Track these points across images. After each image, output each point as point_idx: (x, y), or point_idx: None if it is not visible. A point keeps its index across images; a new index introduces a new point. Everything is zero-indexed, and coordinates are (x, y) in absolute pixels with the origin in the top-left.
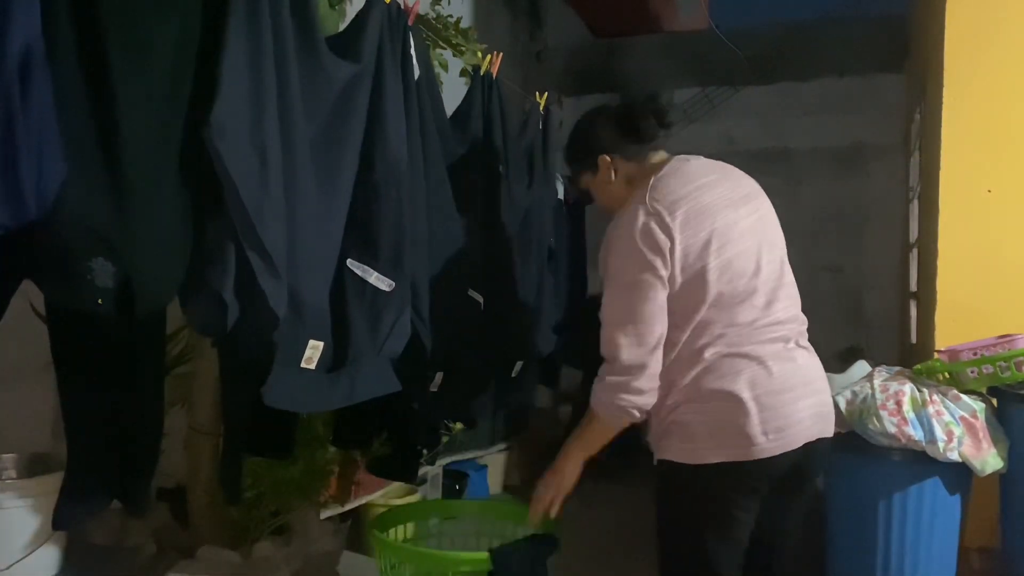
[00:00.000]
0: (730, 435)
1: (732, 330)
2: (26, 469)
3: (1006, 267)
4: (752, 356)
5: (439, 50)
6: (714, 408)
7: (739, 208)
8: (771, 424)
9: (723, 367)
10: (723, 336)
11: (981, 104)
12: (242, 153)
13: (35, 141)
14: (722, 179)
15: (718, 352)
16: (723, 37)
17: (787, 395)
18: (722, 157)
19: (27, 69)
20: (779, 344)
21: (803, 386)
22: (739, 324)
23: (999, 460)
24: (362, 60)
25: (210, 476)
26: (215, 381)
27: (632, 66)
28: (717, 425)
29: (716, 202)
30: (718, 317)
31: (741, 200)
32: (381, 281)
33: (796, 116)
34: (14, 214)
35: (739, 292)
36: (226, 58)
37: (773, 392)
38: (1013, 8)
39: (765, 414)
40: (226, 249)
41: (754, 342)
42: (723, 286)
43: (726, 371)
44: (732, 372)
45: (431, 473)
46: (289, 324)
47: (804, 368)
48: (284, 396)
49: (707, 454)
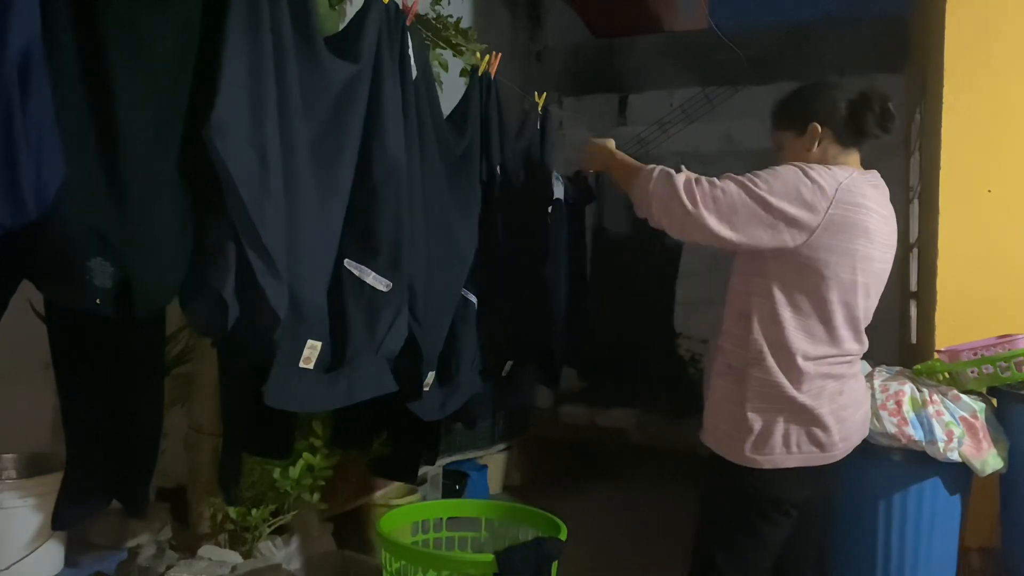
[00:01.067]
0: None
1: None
2: (26, 469)
3: (1006, 267)
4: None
5: (439, 50)
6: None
7: (884, 252)
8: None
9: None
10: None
11: (981, 104)
12: (242, 153)
13: (34, 141)
14: (886, 218)
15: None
16: (723, 37)
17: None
18: (722, 157)
19: (27, 69)
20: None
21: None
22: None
23: (999, 460)
24: (361, 60)
25: (210, 476)
26: (215, 381)
27: (632, 66)
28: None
29: (872, 230)
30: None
31: (887, 246)
32: (379, 281)
33: None
34: (14, 214)
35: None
36: (226, 58)
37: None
38: (1013, 8)
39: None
40: (226, 249)
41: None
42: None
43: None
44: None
45: (431, 473)
46: (288, 323)
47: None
48: (283, 396)
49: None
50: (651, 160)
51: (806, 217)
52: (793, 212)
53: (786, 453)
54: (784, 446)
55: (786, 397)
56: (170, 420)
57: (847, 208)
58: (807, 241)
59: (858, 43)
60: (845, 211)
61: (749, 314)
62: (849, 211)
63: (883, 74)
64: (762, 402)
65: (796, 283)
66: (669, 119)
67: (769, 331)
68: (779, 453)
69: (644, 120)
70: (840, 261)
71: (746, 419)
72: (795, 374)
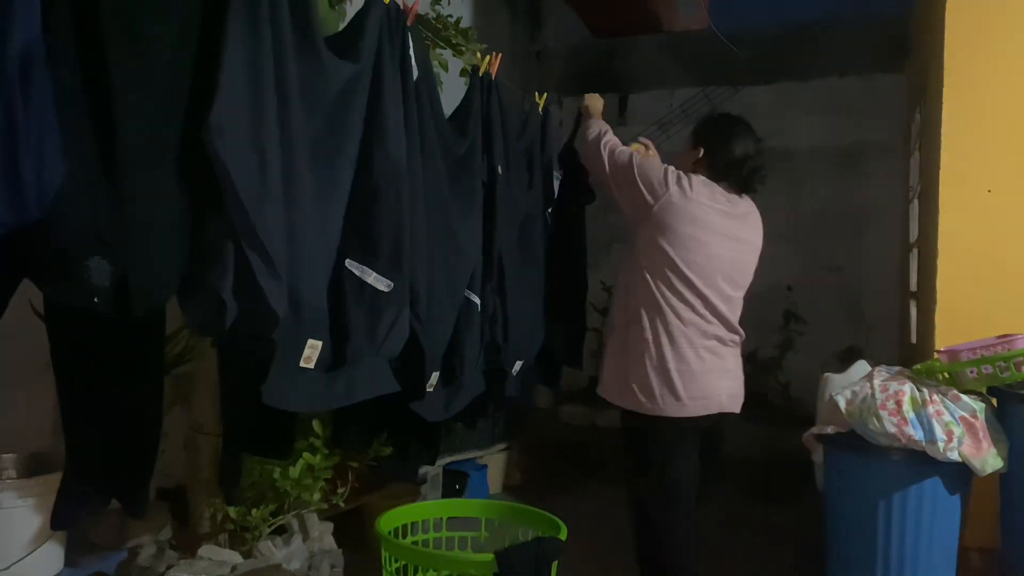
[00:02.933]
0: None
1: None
2: (26, 469)
3: (1006, 267)
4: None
5: (439, 50)
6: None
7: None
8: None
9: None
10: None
11: (981, 104)
12: (241, 153)
13: (35, 140)
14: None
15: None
16: (723, 37)
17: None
18: None
19: (28, 68)
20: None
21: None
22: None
23: (999, 460)
24: (361, 60)
25: (210, 476)
26: (215, 381)
27: (632, 66)
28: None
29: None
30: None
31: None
32: (379, 281)
33: (796, 116)
34: (16, 213)
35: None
36: (225, 58)
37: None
38: (1013, 8)
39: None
40: (225, 249)
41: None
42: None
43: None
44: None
45: (431, 473)
46: (288, 323)
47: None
48: (283, 395)
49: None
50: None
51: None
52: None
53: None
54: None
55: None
56: (170, 420)
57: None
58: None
59: (858, 43)
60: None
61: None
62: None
63: (883, 74)
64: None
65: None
66: (669, 119)
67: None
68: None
69: (644, 120)
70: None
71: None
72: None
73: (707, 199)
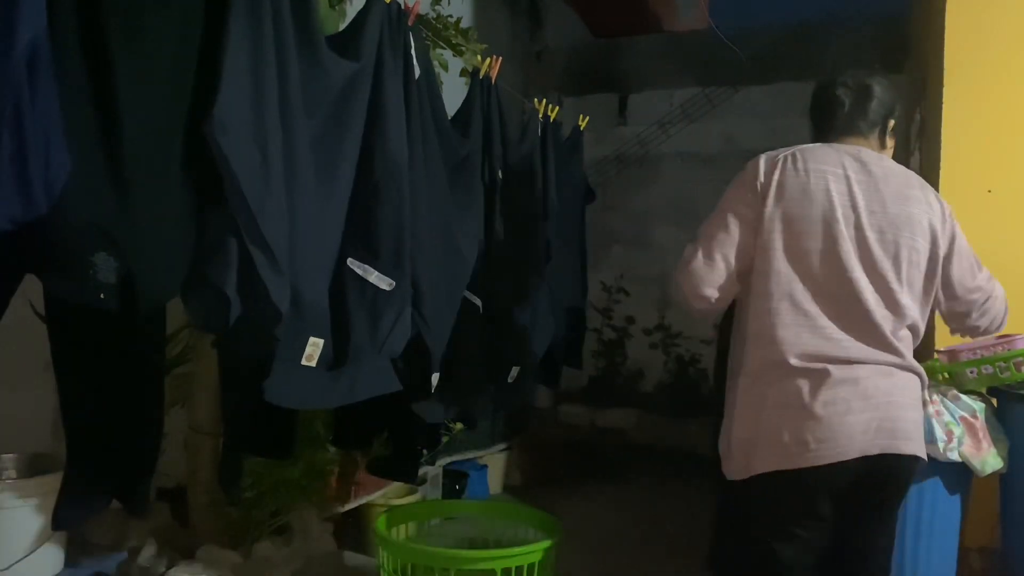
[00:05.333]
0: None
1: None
2: (26, 469)
3: (1006, 267)
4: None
5: (439, 50)
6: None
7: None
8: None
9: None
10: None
11: (981, 104)
12: (243, 149)
13: (42, 137)
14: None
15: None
16: (723, 37)
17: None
18: (722, 157)
19: (34, 67)
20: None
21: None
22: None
23: (999, 460)
24: (362, 58)
25: (210, 476)
26: (215, 381)
27: (632, 66)
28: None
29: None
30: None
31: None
32: (381, 280)
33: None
34: (25, 209)
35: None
36: (228, 55)
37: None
38: (1013, 8)
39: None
40: (228, 245)
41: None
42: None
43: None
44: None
45: (431, 473)
46: (289, 320)
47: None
48: (284, 393)
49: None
50: (651, 159)
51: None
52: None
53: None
54: None
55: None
56: (170, 420)
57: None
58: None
59: (858, 43)
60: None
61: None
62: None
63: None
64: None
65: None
66: (669, 119)
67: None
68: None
69: (644, 120)
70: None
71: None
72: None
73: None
